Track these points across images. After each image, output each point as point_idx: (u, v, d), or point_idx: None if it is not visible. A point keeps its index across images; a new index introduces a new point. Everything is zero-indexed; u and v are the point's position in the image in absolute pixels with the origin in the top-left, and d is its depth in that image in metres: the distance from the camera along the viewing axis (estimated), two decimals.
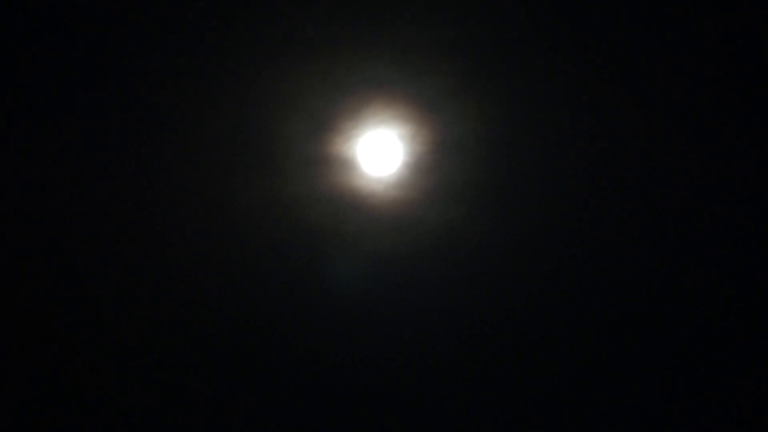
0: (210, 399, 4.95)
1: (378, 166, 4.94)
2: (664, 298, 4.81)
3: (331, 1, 4.85)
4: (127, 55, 4.86)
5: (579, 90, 4.85)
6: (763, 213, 4.69)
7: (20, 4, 4.83)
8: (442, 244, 4.93)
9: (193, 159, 4.89)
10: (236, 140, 4.90)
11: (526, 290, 4.93)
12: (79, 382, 4.94)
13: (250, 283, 4.95)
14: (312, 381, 4.95)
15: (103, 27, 4.84)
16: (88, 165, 4.92)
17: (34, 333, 4.92)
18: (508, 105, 4.90)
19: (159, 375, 4.97)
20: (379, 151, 4.94)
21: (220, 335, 4.96)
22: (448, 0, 4.86)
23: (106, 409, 4.93)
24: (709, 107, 4.81)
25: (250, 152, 4.90)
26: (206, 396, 4.95)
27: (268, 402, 4.97)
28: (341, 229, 4.94)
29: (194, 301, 4.96)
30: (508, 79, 4.90)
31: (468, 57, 4.88)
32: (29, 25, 4.85)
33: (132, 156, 4.89)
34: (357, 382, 4.94)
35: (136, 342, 4.97)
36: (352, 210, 4.92)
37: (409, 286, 4.94)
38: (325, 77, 4.88)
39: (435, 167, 4.92)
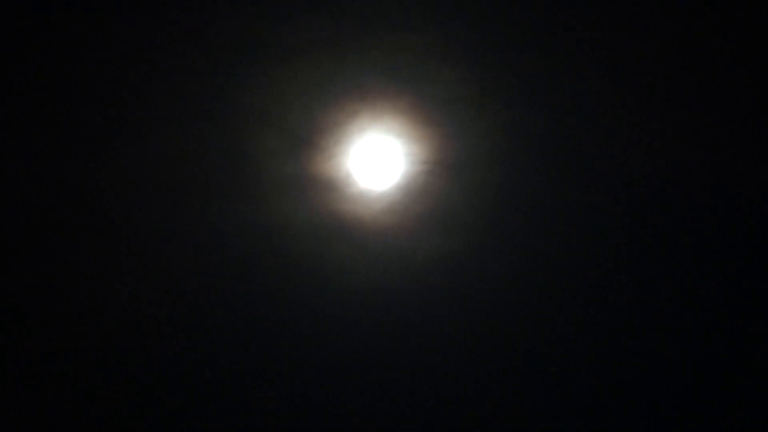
0: None
1: (366, 189, 4.32)
2: (672, 331, 4.24)
3: (311, 1, 4.27)
4: (89, 69, 4.33)
5: (592, 103, 4.24)
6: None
7: None
8: (439, 278, 4.30)
9: (155, 181, 4.33)
10: (203, 159, 4.33)
11: (534, 333, 4.28)
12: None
13: (222, 319, 4.34)
14: (292, 421, 4.33)
15: (67, 44, 4.32)
16: (45, 185, 4.37)
17: None
18: (516, 117, 4.28)
19: (123, 409, 4.37)
20: (367, 172, 4.32)
21: (185, 375, 4.35)
22: None
23: None
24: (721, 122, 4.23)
25: (219, 173, 4.33)
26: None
27: None
28: (324, 260, 4.33)
29: (159, 339, 4.36)
30: (516, 87, 4.29)
31: (469, 62, 4.29)
32: None
33: (87, 176, 4.33)
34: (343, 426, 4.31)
35: (100, 373, 4.38)
36: (335, 238, 4.31)
37: (400, 326, 4.30)
38: (305, 86, 4.29)
39: (431, 190, 4.31)
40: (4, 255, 4.38)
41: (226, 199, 4.32)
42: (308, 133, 4.31)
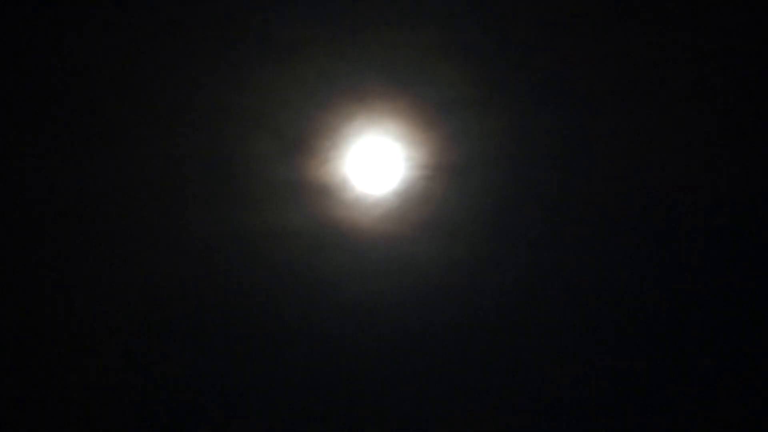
0: None
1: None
2: (674, 342, 4.09)
3: None
4: (80, 71, 4.12)
5: (595, 106, 4.09)
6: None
7: None
8: (439, 285, 4.13)
9: (147, 185, 4.14)
10: (196, 163, 4.13)
11: (536, 341, 4.12)
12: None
13: (215, 327, 4.15)
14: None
15: (59, 46, 4.11)
16: (34, 189, 4.17)
17: None
18: (518, 120, 4.10)
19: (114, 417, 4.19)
20: (365, 176, 4.13)
21: (177, 383, 4.16)
22: None
23: None
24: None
25: (212, 177, 4.13)
26: None
27: None
28: (320, 267, 4.15)
29: (150, 345, 4.17)
30: (517, 89, 4.11)
31: (470, 62, 4.11)
32: None
33: (78, 180, 4.13)
34: None
35: (89, 379, 4.19)
36: (332, 245, 4.13)
37: (399, 335, 4.12)
38: (300, 87, 4.09)
39: (431, 195, 4.13)
40: None
41: (220, 204, 4.13)
42: (304, 136, 4.11)
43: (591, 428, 4.15)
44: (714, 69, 4.14)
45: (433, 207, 4.15)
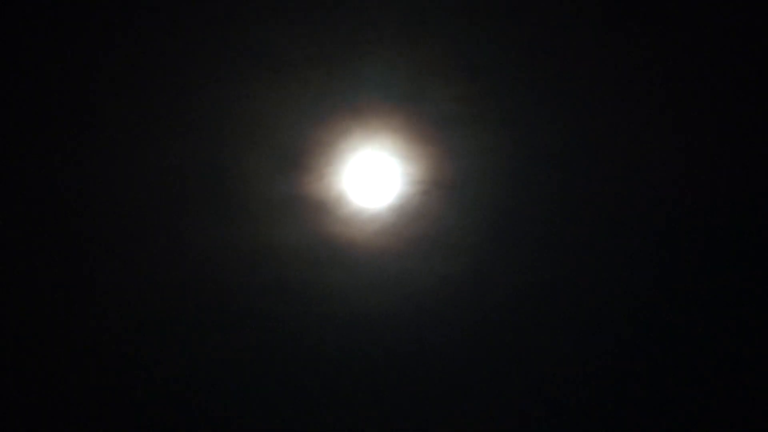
0: None
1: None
2: (669, 357, 4.13)
3: (301, 12, 4.02)
4: (75, 83, 4.06)
5: (591, 122, 4.08)
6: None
7: None
8: (435, 301, 4.14)
9: (141, 201, 4.09)
10: (188, 179, 4.09)
11: (532, 356, 4.15)
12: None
13: (210, 346, 4.15)
14: None
15: (53, 57, 4.04)
16: (26, 200, 4.13)
17: None
18: (514, 136, 4.09)
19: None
20: (361, 192, 4.12)
21: (171, 400, 4.17)
22: (443, 9, 4.02)
23: None
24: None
25: (205, 193, 4.10)
26: None
27: None
28: (315, 283, 4.14)
29: (144, 363, 4.17)
30: (513, 105, 4.09)
31: (466, 79, 4.09)
32: None
33: (71, 194, 4.09)
34: None
35: (80, 399, 4.20)
36: (327, 261, 4.13)
37: (394, 352, 4.14)
38: (295, 103, 4.06)
39: (427, 211, 4.13)
40: None
41: (216, 220, 4.11)
42: (299, 152, 4.09)
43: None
44: (712, 85, 4.13)
45: (429, 223, 4.15)
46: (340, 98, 4.07)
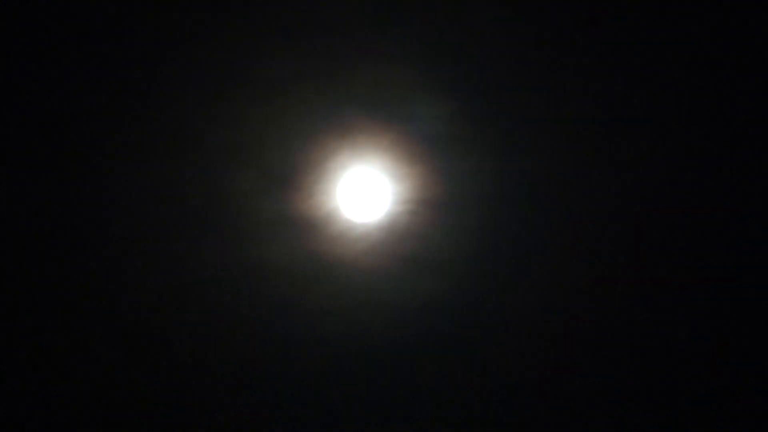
0: None
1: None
2: (649, 378, 4.16)
3: (290, 32, 4.00)
4: (61, 105, 4.04)
5: (579, 144, 4.09)
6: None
7: None
8: (423, 320, 4.14)
9: (130, 221, 4.08)
10: (180, 198, 4.08)
11: (518, 376, 4.16)
12: None
13: (200, 365, 4.14)
14: None
15: (38, 75, 4.01)
16: (15, 223, 4.10)
17: None
18: (503, 157, 4.09)
19: None
20: (349, 211, 4.12)
21: (164, 420, 4.16)
22: (432, 29, 4.02)
23: None
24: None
25: (192, 213, 4.09)
26: None
27: None
28: (303, 301, 4.14)
29: (132, 386, 4.16)
30: (502, 126, 4.09)
31: (455, 99, 4.09)
32: None
33: (59, 215, 4.07)
34: None
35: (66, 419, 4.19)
36: (315, 280, 4.13)
37: (381, 371, 4.15)
38: (284, 122, 4.05)
39: (415, 230, 4.13)
40: None
41: (204, 239, 4.09)
42: (287, 171, 4.08)
43: None
44: (688, 115, 4.14)
45: (417, 241, 4.15)
46: (328, 118, 4.06)
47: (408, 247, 4.14)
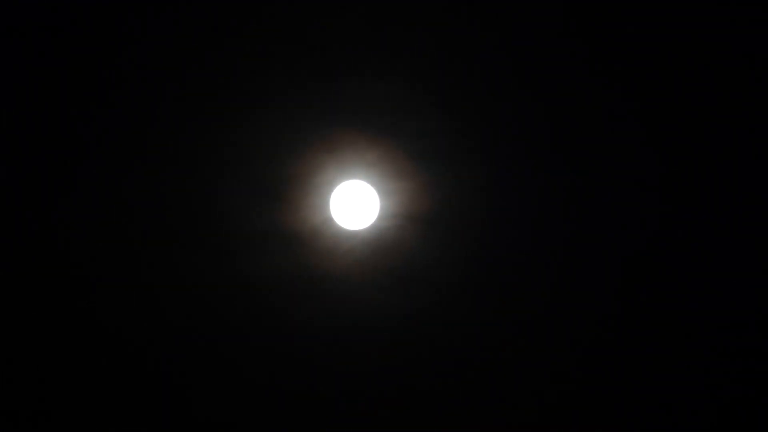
0: None
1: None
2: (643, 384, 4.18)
3: (279, 46, 4.03)
4: (52, 122, 4.08)
5: (569, 159, 4.09)
6: None
7: None
8: (408, 335, 4.19)
9: (120, 236, 4.13)
10: (168, 212, 4.13)
11: (505, 396, 4.20)
12: None
13: (187, 379, 4.21)
14: None
15: (38, 91, 4.06)
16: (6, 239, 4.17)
17: None
18: (492, 172, 4.11)
19: None
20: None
21: None
22: (421, 44, 4.03)
23: None
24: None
25: (179, 227, 4.14)
26: None
27: None
28: (290, 315, 4.20)
29: (125, 398, 4.24)
30: (492, 141, 4.11)
31: (444, 114, 4.10)
32: None
33: (49, 230, 4.14)
34: None
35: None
36: (302, 294, 4.19)
37: (368, 384, 4.21)
38: (271, 137, 4.09)
39: (402, 244, 4.17)
40: None
41: (186, 255, 4.14)
42: (277, 185, 4.12)
43: None
44: (684, 132, 4.13)
45: (406, 255, 4.19)
46: (316, 133, 4.09)
47: (396, 261, 4.19)
